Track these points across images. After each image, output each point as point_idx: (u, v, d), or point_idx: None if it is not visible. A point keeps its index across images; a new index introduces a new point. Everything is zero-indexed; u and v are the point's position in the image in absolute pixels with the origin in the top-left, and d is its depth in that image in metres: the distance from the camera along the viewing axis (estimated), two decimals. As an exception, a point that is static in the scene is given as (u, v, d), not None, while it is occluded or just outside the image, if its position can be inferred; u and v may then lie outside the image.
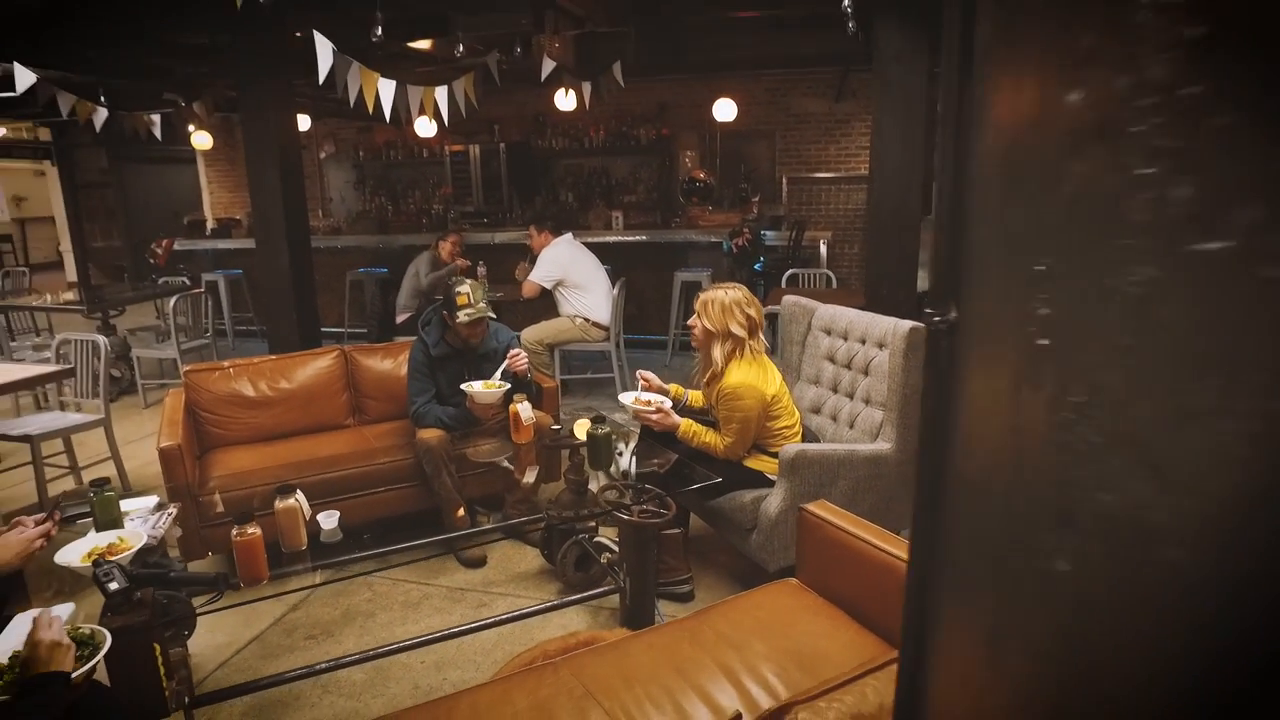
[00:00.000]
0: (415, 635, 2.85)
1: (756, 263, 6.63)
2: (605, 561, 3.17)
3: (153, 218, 11.39)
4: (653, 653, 2.09)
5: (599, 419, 2.94)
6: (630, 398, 3.22)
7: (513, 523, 3.41)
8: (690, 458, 3.10)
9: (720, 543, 3.51)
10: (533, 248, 5.74)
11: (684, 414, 3.21)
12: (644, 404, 3.15)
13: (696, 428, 3.10)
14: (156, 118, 5.77)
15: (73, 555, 2.28)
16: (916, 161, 4.56)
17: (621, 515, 2.74)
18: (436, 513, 3.64)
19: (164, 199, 11.82)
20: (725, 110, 7.98)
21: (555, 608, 3.00)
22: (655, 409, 3.10)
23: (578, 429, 3.13)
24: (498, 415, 3.61)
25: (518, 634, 3.02)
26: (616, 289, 5.68)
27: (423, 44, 5.58)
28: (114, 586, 2.14)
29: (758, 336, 3.04)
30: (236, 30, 4.79)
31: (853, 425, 3.23)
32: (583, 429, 3.02)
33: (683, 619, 2.30)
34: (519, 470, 3.36)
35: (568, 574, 3.30)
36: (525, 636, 3.00)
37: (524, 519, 3.34)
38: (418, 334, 3.74)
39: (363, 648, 2.85)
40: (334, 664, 2.67)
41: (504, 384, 3.47)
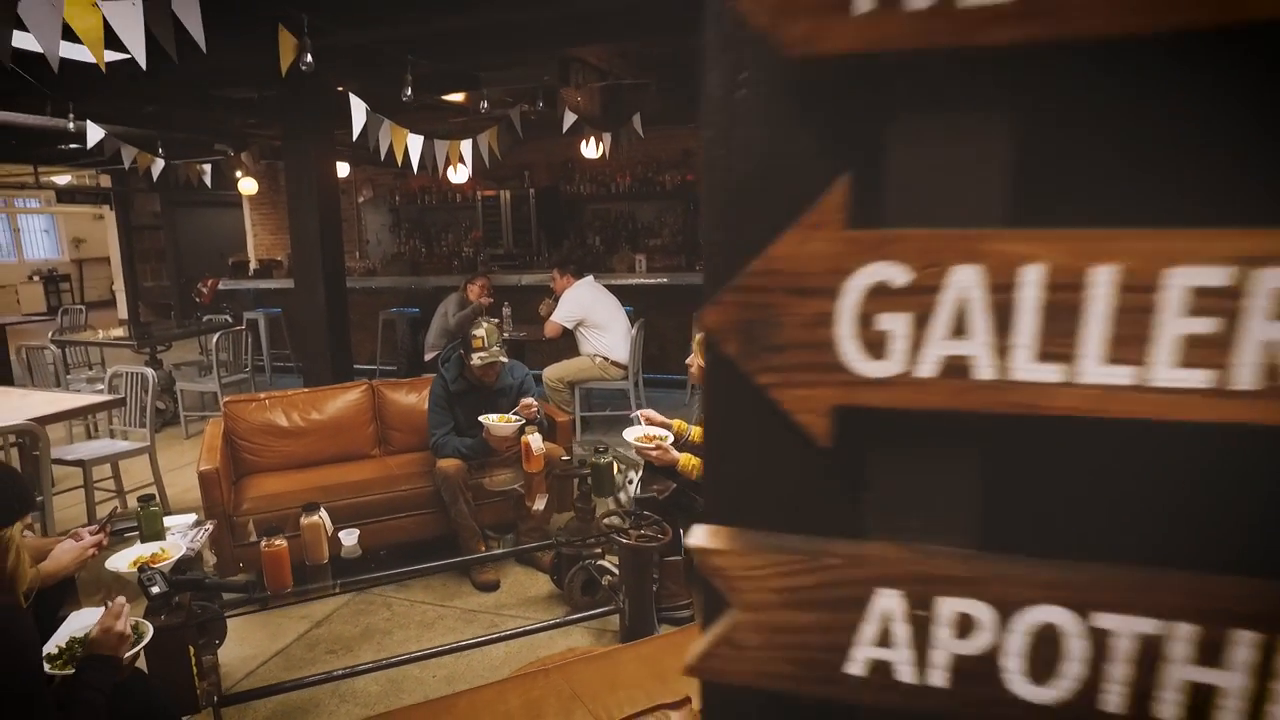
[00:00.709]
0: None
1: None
2: (606, 584, 3.37)
3: (200, 258, 12.03)
4: (639, 662, 2.29)
5: (602, 450, 3.17)
6: (634, 434, 3.45)
7: (523, 548, 3.64)
8: (690, 488, 3.30)
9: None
10: (555, 290, 6.05)
11: (686, 448, 3.42)
12: (646, 439, 3.37)
13: (695, 461, 3.31)
14: (207, 166, 6.25)
15: (120, 562, 2.57)
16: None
17: (620, 539, 2.95)
18: (453, 538, 3.88)
19: (211, 240, 12.48)
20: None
21: (558, 625, 3.20)
22: (655, 445, 3.31)
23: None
24: (512, 448, 3.86)
25: (524, 652, 3.22)
26: (636, 329, 5.95)
27: (455, 96, 5.99)
28: (156, 590, 2.42)
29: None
30: (282, 86, 5.24)
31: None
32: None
33: (671, 633, 2.49)
34: (529, 497, 3.60)
35: (575, 598, 3.50)
36: (531, 654, 3.20)
37: (534, 545, 3.57)
38: (438, 371, 4.03)
39: (386, 670, 3.07)
40: (350, 671, 2.90)
41: (519, 417, 3.72)
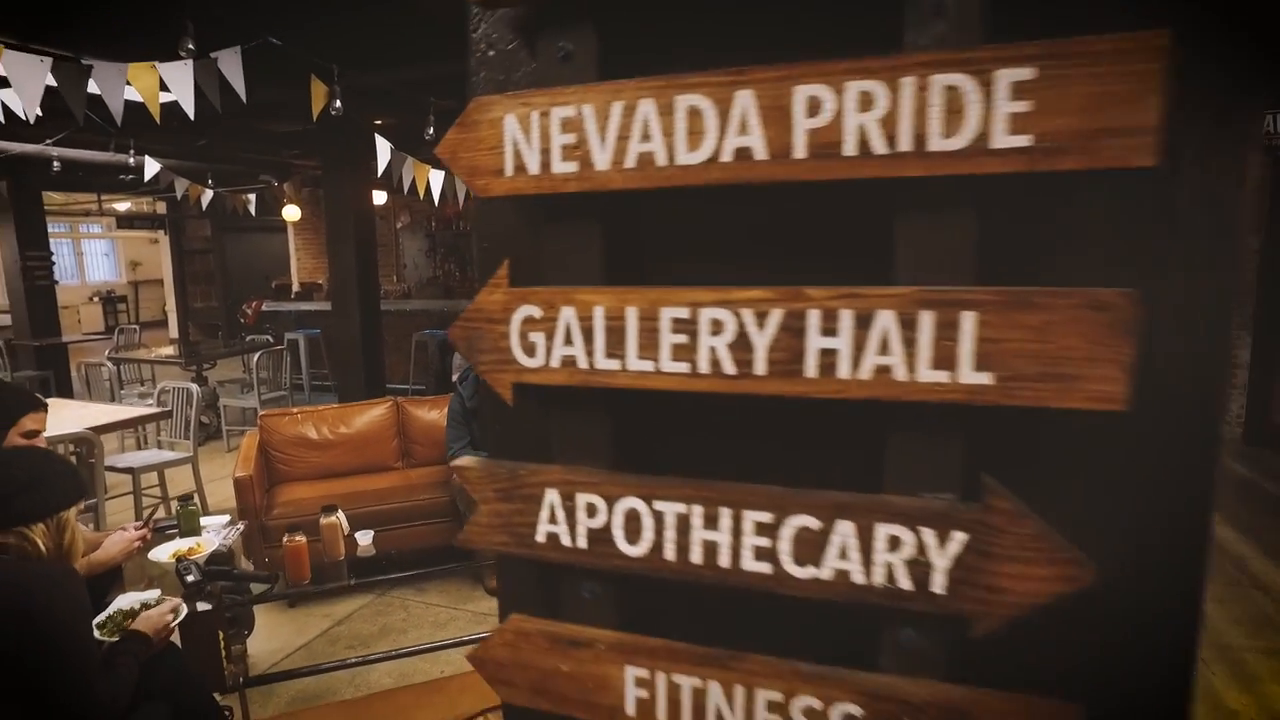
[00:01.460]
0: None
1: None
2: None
3: (247, 281, 12.72)
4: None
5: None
6: None
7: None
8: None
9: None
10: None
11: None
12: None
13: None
14: (252, 195, 6.77)
15: (161, 554, 2.94)
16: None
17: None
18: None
19: (258, 263, 13.18)
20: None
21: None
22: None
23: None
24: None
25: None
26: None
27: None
28: (191, 579, 2.77)
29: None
30: (318, 123, 5.70)
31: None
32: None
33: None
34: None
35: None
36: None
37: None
38: (455, 389, 4.37)
39: (397, 661, 3.39)
40: (362, 660, 3.23)
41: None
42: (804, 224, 0.81)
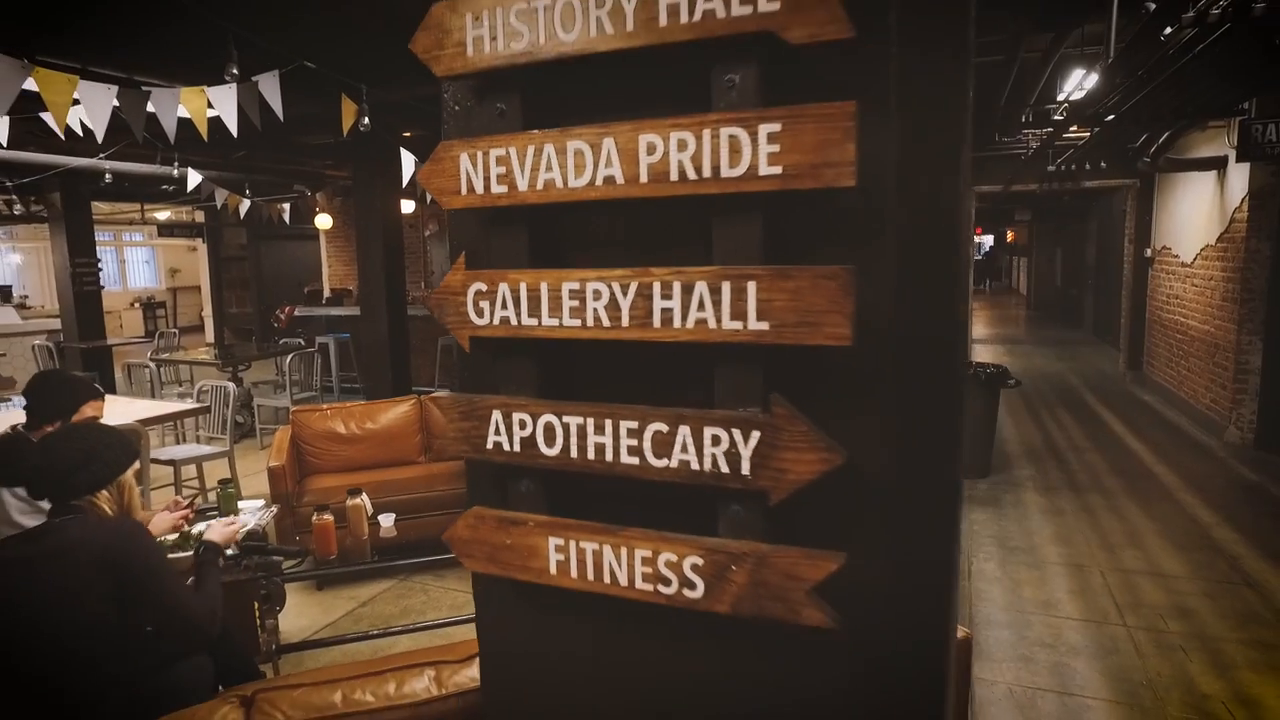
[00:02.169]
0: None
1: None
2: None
3: (281, 287, 13.44)
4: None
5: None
6: None
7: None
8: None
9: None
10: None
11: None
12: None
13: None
14: (287, 205, 7.34)
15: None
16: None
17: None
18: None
19: (291, 270, 13.91)
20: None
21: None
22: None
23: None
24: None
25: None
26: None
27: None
28: (229, 553, 3.24)
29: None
30: (352, 135, 6.24)
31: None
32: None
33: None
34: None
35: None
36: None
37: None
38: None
39: (413, 634, 3.84)
40: (383, 632, 3.67)
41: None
42: (652, 226, 1.22)
